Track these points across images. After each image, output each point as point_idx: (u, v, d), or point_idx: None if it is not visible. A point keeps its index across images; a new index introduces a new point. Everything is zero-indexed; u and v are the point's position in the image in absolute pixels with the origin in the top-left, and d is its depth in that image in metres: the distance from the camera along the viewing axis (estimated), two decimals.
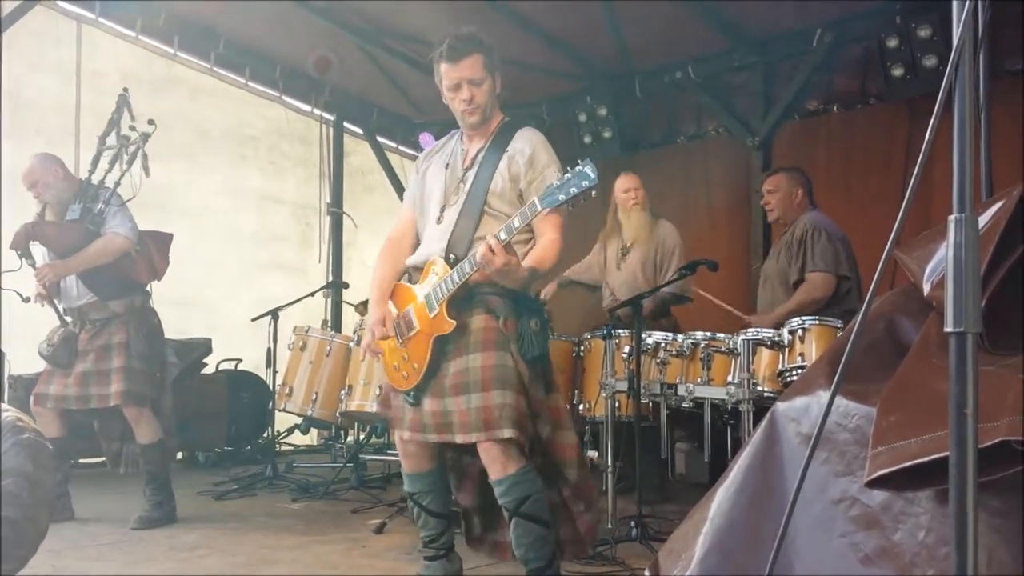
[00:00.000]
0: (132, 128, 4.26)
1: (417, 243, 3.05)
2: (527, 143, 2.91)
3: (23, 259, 4.22)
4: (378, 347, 2.96)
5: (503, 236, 2.60)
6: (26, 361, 5.41)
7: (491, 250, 2.54)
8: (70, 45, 6.45)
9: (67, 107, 6.42)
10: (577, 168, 2.50)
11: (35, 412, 4.25)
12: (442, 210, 2.93)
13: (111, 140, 4.30)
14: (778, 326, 4.02)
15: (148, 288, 4.53)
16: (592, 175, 2.47)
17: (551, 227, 2.79)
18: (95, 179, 4.37)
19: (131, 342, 4.28)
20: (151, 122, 4.25)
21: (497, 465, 2.69)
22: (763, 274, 4.78)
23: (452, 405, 2.73)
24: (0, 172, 5.10)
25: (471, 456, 2.90)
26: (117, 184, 4.30)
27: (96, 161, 4.31)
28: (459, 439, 2.73)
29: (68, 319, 4.39)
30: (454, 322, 2.74)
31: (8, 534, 1.83)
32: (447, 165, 3.01)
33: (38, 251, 4.35)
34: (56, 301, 4.36)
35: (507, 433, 2.64)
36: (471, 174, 2.92)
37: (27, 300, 4.25)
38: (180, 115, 6.86)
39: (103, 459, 5.34)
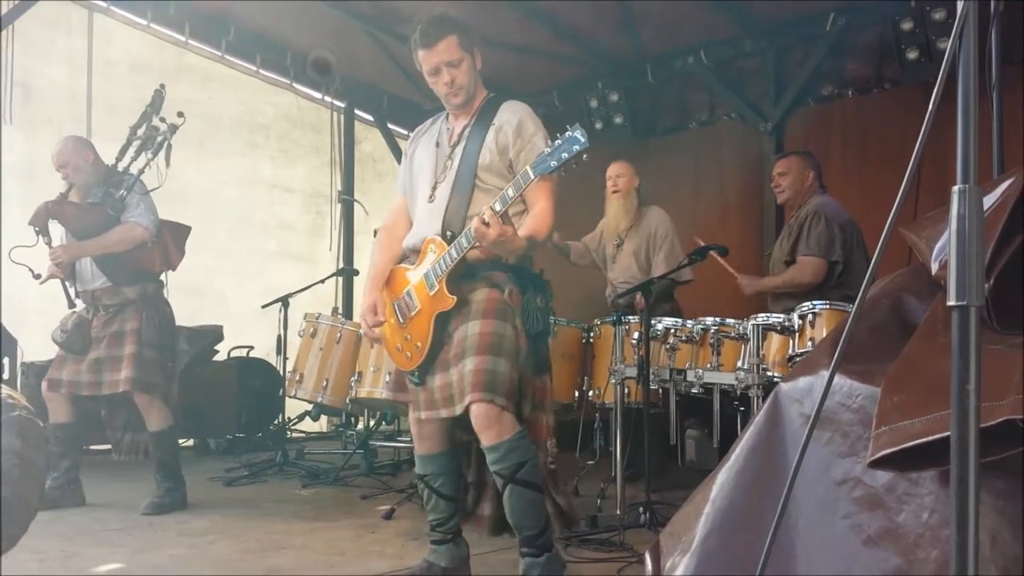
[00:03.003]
0: (162, 119, 4.27)
1: (411, 226, 3.04)
2: (513, 114, 2.89)
3: (40, 236, 4.23)
4: (376, 334, 2.95)
5: (498, 207, 2.58)
6: (39, 348, 5.46)
7: (484, 223, 2.52)
8: (82, 34, 6.47)
9: (79, 96, 6.44)
10: (567, 133, 2.48)
11: (47, 397, 4.28)
12: (433, 188, 2.92)
13: (141, 131, 4.31)
14: (764, 292, 3.97)
15: (162, 277, 4.55)
16: (582, 139, 2.45)
17: (543, 195, 2.77)
18: (121, 167, 4.39)
19: (143, 330, 4.29)
20: (180, 114, 4.28)
21: (491, 431, 2.66)
22: (772, 259, 4.77)
23: (455, 375, 2.72)
24: (0, 159, 5.11)
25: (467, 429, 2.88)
26: (140, 172, 4.33)
27: (124, 150, 4.33)
28: (459, 410, 2.70)
29: (79, 302, 4.41)
30: (454, 298, 2.72)
31: None
32: (437, 144, 2.99)
33: (56, 231, 4.37)
34: (69, 283, 4.38)
35: (499, 400, 2.62)
36: (459, 150, 2.90)
37: (38, 277, 4.27)
38: (191, 103, 6.80)
39: (110, 446, 5.39)
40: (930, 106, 1.19)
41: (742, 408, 4.07)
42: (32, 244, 4.21)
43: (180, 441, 4.68)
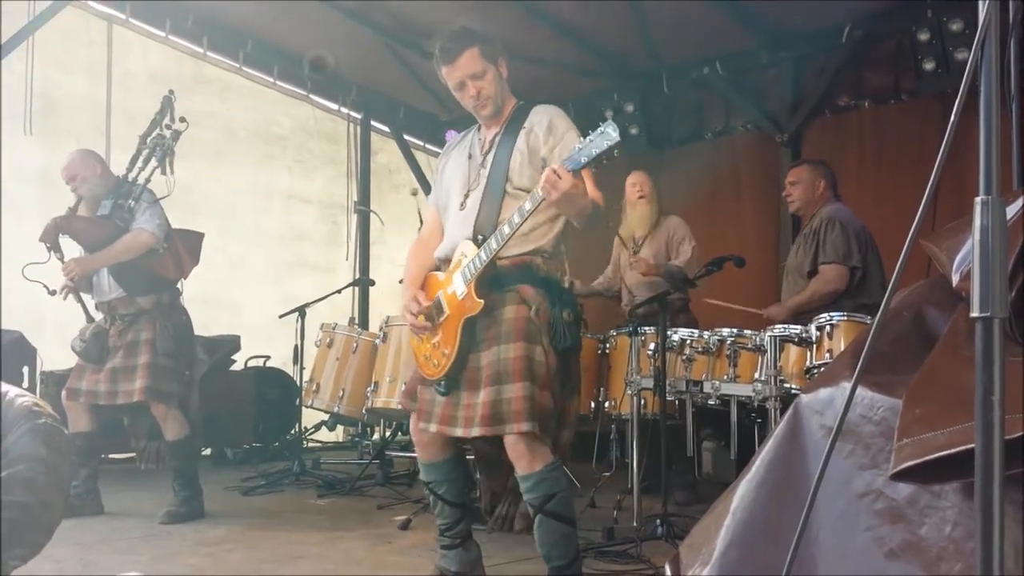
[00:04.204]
0: (168, 126, 4.29)
1: (443, 237, 3.03)
2: (543, 115, 2.89)
3: (52, 252, 4.26)
4: (421, 322, 2.87)
5: (528, 206, 2.57)
6: (58, 357, 5.50)
7: (556, 174, 2.48)
8: (101, 45, 6.54)
9: (98, 107, 6.50)
10: (599, 129, 2.47)
11: (67, 406, 4.30)
12: (464, 196, 2.91)
13: (151, 139, 4.33)
14: (792, 318, 3.98)
15: (179, 286, 4.57)
16: (614, 134, 2.43)
17: (589, 184, 2.72)
18: (131, 177, 4.41)
19: (157, 339, 4.30)
20: (182, 119, 4.29)
21: (523, 460, 2.66)
22: (786, 269, 4.75)
23: (486, 397, 2.70)
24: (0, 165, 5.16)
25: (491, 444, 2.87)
26: (147, 181, 4.34)
27: (134, 160, 4.35)
28: (476, 432, 2.69)
29: (96, 314, 4.44)
30: (481, 302, 2.70)
31: (23, 519, 1.85)
32: (469, 155, 3.00)
33: (73, 247, 4.40)
34: (87, 296, 4.41)
35: (530, 427, 2.61)
36: (490, 157, 2.90)
37: (53, 293, 4.30)
38: (209, 114, 6.92)
39: (133, 454, 5.41)
40: (952, 117, 1.19)
41: (759, 420, 4.04)
42: (44, 261, 4.23)
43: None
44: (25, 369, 5.32)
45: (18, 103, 6.00)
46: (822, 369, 3.58)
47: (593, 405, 4.80)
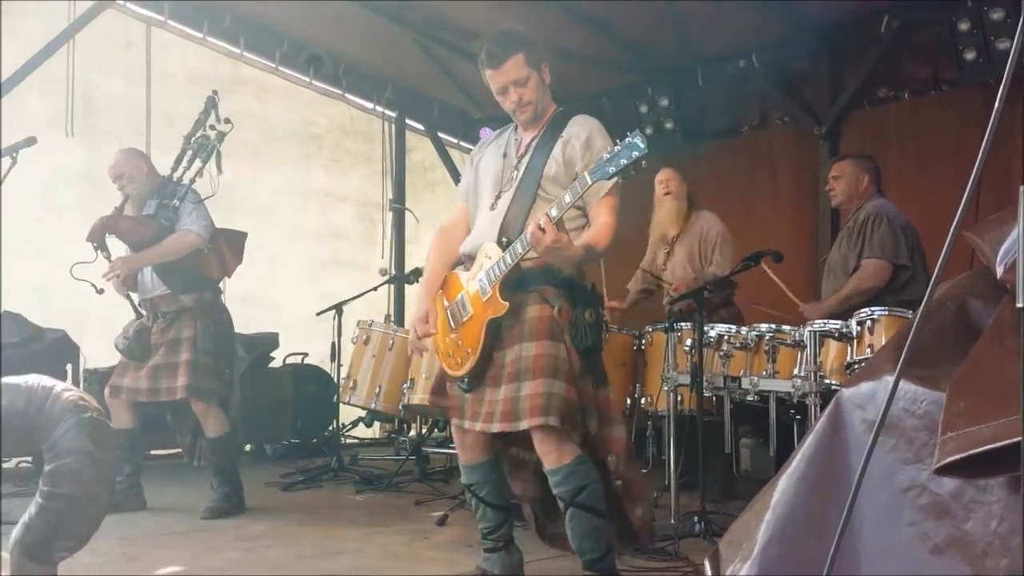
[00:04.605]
0: (212, 127, 4.34)
1: (469, 232, 3.04)
2: (583, 127, 2.88)
3: (99, 251, 4.33)
4: (423, 345, 2.99)
5: (554, 213, 2.58)
6: (101, 355, 5.60)
7: (540, 228, 2.52)
8: (140, 47, 6.64)
9: (137, 108, 6.61)
10: (627, 139, 2.47)
11: (109, 403, 4.36)
12: (496, 197, 2.92)
13: (195, 140, 4.39)
14: (831, 315, 3.93)
15: (220, 285, 4.63)
16: (641, 145, 2.44)
17: (605, 210, 2.77)
18: (176, 177, 4.47)
19: (198, 337, 4.35)
20: (227, 120, 4.34)
21: (552, 455, 2.68)
22: (827, 264, 4.68)
23: (505, 393, 2.72)
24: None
25: (526, 447, 2.88)
26: (192, 181, 4.40)
27: (179, 159, 4.41)
28: (505, 427, 2.70)
29: (143, 312, 4.50)
30: (507, 304, 2.72)
31: (70, 511, 1.89)
32: (504, 154, 3.00)
33: (120, 246, 4.48)
34: (132, 294, 4.48)
35: (553, 421, 2.61)
36: (525, 161, 2.91)
37: (101, 292, 4.36)
38: (246, 115, 6.99)
39: (174, 451, 5.49)
40: (996, 105, 1.17)
41: (798, 416, 4.00)
42: (92, 260, 4.30)
43: None
44: (68, 367, 5.41)
45: (60, 105, 6.12)
46: (863, 365, 3.54)
47: (629, 402, 4.79)
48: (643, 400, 4.69)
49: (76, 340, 5.51)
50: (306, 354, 6.95)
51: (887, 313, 3.64)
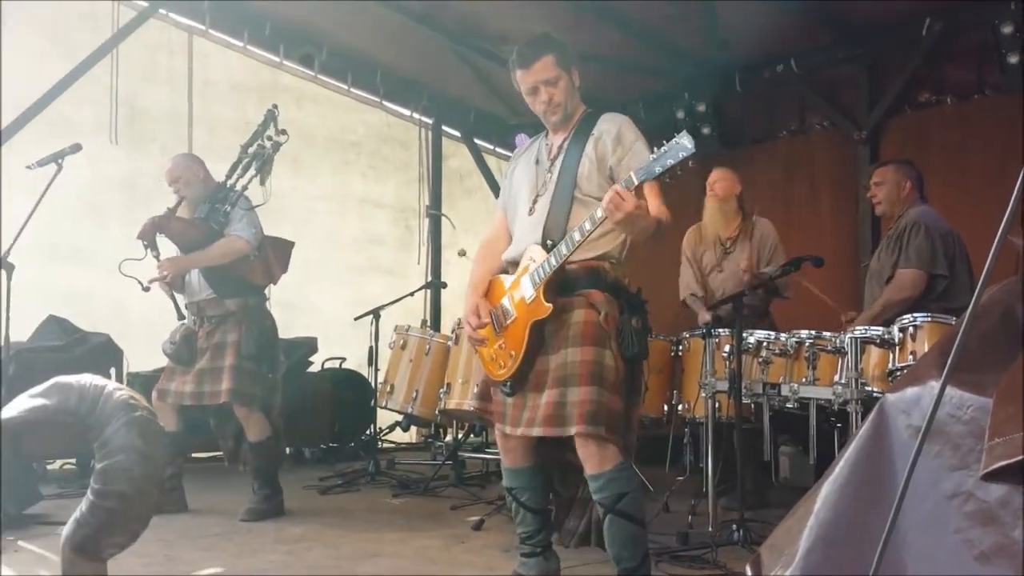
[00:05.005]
0: (269, 138, 4.41)
1: (511, 241, 3.06)
2: (612, 123, 2.90)
3: (148, 250, 4.39)
4: (480, 336, 2.93)
5: (635, 180, 2.54)
6: (144, 359, 5.69)
7: (619, 195, 2.50)
8: (182, 56, 6.75)
9: (180, 115, 6.71)
10: (674, 139, 2.46)
11: (156, 407, 4.38)
12: (533, 202, 2.94)
13: (252, 149, 4.45)
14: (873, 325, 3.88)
15: (265, 291, 4.68)
16: (689, 145, 2.43)
17: (653, 195, 2.73)
18: (229, 184, 4.52)
19: (242, 342, 4.40)
20: (283, 131, 4.41)
21: (594, 460, 2.68)
22: (869, 272, 4.62)
23: (549, 398, 2.72)
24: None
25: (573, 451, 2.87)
26: (244, 188, 4.46)
27: (234, 167, 4.47)
28: (549, 431, 2.70)
29: (187, 313, 4.56)
30: (550, 306, 2.72)
31: (121, 507, 1.92)
32: (536, 161, 3.02)
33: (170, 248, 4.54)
34: (178, 295, 4.54)
35: (600, 429, 2.62)
36: (558, 163, 2.93)
37: (147, 289, 4.42)
38: (286, 122, 6.95)
39: (215, 454, 5.55)
40: None
41: (839, 424, 3.95)
42: (141, 257, 4.37)
43: None
44: (112, 370, 5.49)
45: (104, 113, 6.23)
46: (905, 371, 3.49)
47: (666, 408, 4.76)
48: (680, 407, 4.66)
49: (119, 344, 5.60)
50: (344, 359, 7.00)
51: (930, 319, 3.58)
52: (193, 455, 5.66)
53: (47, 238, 5.25)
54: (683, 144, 2.44)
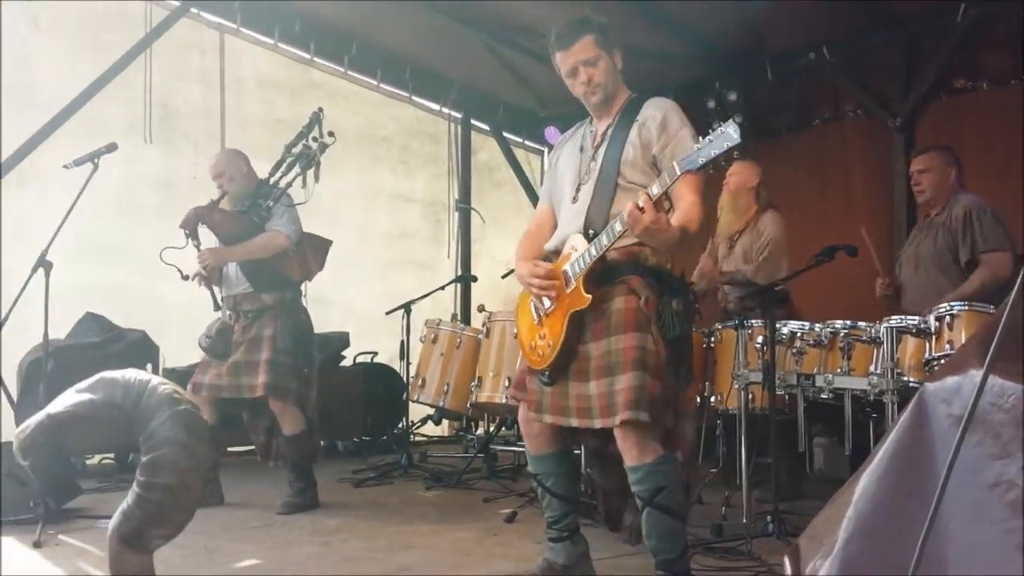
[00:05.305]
0: (315, 139, 4.44)
1: (555, 230, 3.03)
2: (657, 109, 2.85)
3: (189, 239, 4.44)
4: (547, 283, 2.80)
5: (655, 190, 2.53)
6: (180, 354, 5.77)
7: (639, 208, 2.48)
8: (214, 54, 6.80)
9: (212, 113, 6.77)
10: (719, 129, 2.43)
11: None
12: (576, 190, 2.91)
13: (296, 149, 4.48)
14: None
15: (302, 286, 4.72)
16: (735, 135, 2.39)
17: (689, 189, 2.69)
18: (272, 180, 4.56)
19: (278, 336, 4.44)
20: (331, 134, 4.44)
21: (633, 451, 2.65)
22: (910, 258, 4.54)
23: (594, 389, 2.70)
24: None
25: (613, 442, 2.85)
26: (288, 185, 4.50)
27: (278, 166, 4.51)
28: (598, 424, 2.68)
29: (223, 305, 4.60)
30: (590, 296, 2.69)
31: (166, 500, 1.96)
32: (580, 148, 2.99)
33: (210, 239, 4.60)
34: (216, 287, 4.59)
35: (642, 416, 2.58)
36: (601, 150, 2.89)
37: (186, 278, 4.48)
38: None
39: (250, 447, 5.61)
40: None
41: (874, 415, 3.91)
42: (182, 246, 4.42)
43: None
44: (148, 366, 5.56)
45: (138, 112, 6.31)
46: (942, 361, 3.44)
47: (699, 400, 4.74)
48: (712, 398, 4.64)
49: (155, 340, 5.67)
50: (375, 353, 7.04)
51: (967, 308, 3.54)
52: (229, 449, 5.72)
53: (84, 236, 5.32)
54: (728, 134, 2.40)
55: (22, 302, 3.93)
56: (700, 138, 2.49)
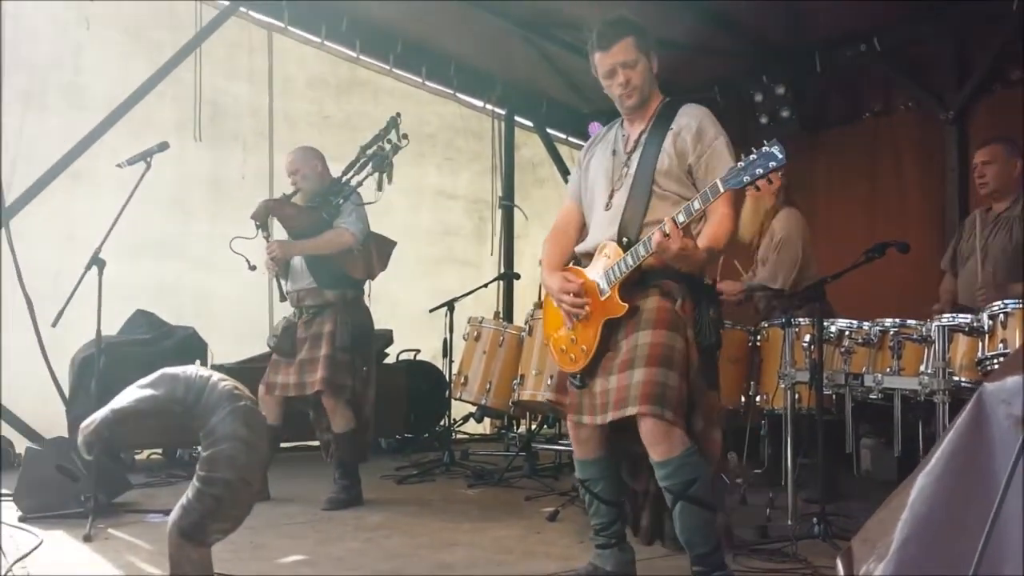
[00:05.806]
0: (388, 141, 4.49)
1: (582, 231, 3.03)
2: (692, 118, 2.84)
3: (260, 230, 4.52)
4: (578, 301, 2.79)
5: (681, 218, 2.54)
6: (228, 351, 5.85)
7: (666, 235, 2.49)
8: (262, 53, 6.88)
9: (260, 111, 6.85)
10: (764, 148, 2.42)
11: (263, 400, 4.45)
12: (610, 196, 2.90)
13: (371, 151, 4.53)
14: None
15: (364, 285, 4.75)
16: (780, 155, 2.39)
17: (722, 201, 2.67)
18: (344, 180, 4.61)
19: (337, 333, 4.47)
20: (404, 136, 4.49)
21: (661, 446, 2.62)
22: (977, 250, 4.40)
23: (618, 381, 2.69)
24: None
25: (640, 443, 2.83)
26: (359, 184, 4.56)
27: (351, 166, 4.58)
28: (616, 414, 2.67)
29: (287, 296, 4.65)
30: (626, 306, 2.70)
31: (225, 495, 2.00)
32: (613, 152, 2.97)
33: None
34: (282, 279, 4.64)
35: (668, 414, 2.58)
36: (635, 156, 2.88)
37: (253, 268, 4.53)
38: (363, 116, 7.15)
39: (296, 444, 5.67)
40: None
41: (924, 416, 3.83)
42: (252, 237, 4.49)
43: None
44: (197, 363, 5.64)
45: (188, 111, 6.39)
46: (996, 361, 3.35)
47: (744, 399, 4.68)
48: (758, 398, 4.58)
49: (204, 337, 5.75)
50: (419, 350, 7.06)
51: (1021, 307, 3.44)
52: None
53: (135, 234, 5.40)
54: (773, 154, 2.40)
55: (75, 299, 4.01)
56: (743, 156, 2.48)
